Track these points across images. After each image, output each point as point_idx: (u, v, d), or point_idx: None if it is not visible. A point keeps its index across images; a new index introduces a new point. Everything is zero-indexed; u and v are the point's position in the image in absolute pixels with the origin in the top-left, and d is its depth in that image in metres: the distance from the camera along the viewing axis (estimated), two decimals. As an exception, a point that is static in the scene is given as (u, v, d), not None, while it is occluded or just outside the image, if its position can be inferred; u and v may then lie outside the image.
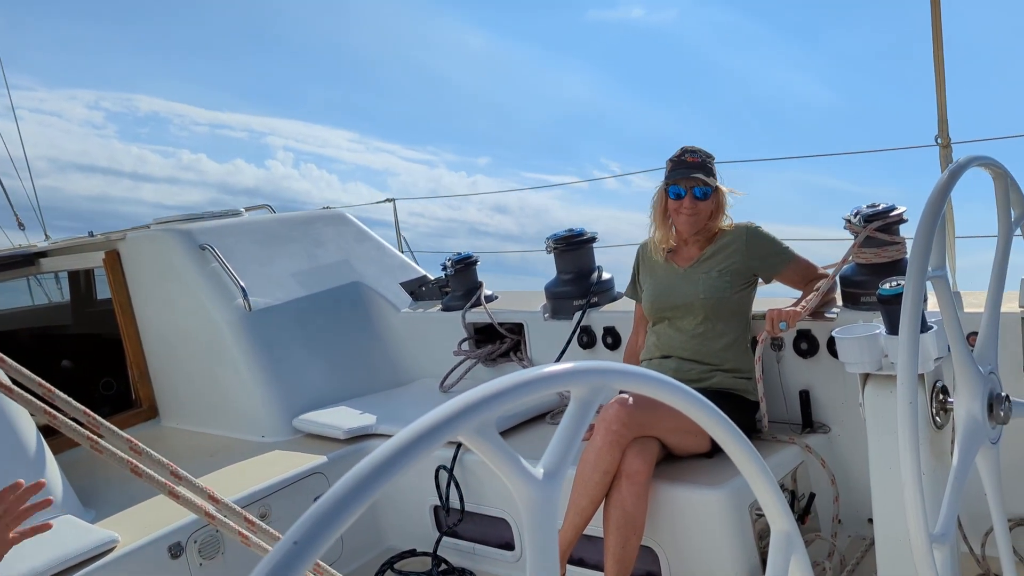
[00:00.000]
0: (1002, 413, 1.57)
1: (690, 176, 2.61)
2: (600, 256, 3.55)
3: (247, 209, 4.52)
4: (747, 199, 2.74)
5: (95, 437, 1.26)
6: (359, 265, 4.21)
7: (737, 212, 2.76)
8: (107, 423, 1.31)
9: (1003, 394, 1.58)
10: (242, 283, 3.60)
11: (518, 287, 3.82)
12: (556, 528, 0.72)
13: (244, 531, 1.45)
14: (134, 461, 1.27)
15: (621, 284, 3.48)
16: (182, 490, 1.40)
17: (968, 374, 1.51)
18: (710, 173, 2.64)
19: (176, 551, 2.49)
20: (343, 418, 3.32)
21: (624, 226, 3.51)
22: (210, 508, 1.44)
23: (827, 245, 3.47)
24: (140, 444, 1.32)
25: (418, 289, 4.16)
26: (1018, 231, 1.77)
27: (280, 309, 3.71)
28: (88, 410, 1.34)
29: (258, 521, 1.48)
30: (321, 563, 1.48)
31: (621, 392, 2.53)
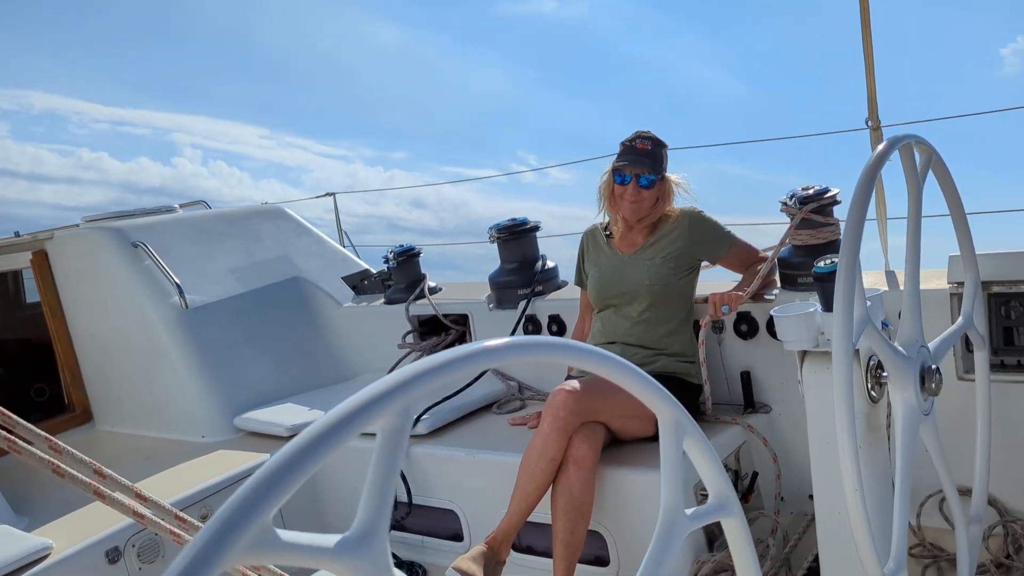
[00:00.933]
0: (933, 385, 1.61)
1: (636, 163, 2.62)
2: (543, 245, 3.55)
3: (182, 206, 4.41)
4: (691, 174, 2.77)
5: (13, 438, 1.21)
6: (299, 260, 4.14)
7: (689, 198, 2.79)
8: (24, 422, 1.26)
9: (933, 367, 1.62)
10: (177, 280, 3.51)
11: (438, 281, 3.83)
12: None
13: (177, 530, 1.41)
14: (55, 461, 1.21)
15: (565, 272, 3.49)
16: (109, 490, 1.35)
17: (896, 365, 1.53)
18: (658, 161, 2.64)
19: (114, 556, 2.41)
20: (285, 415, 3.27)
21: (544, 218, 3.50)
22: (139, 508, 1.39)
23: (767, 229, 3.52)
24: (61, 443, 1.27)
25: (360, 283, 4.11)
26: (944, 205, 1.81)
27: (218, 306, 3.63)
28: (3, 409, 1.28)
29: (191, 519, 1.43)
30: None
31: (567, 379, 2.53)
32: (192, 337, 3.49)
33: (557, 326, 3.25)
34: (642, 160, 2.61)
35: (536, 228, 3.48)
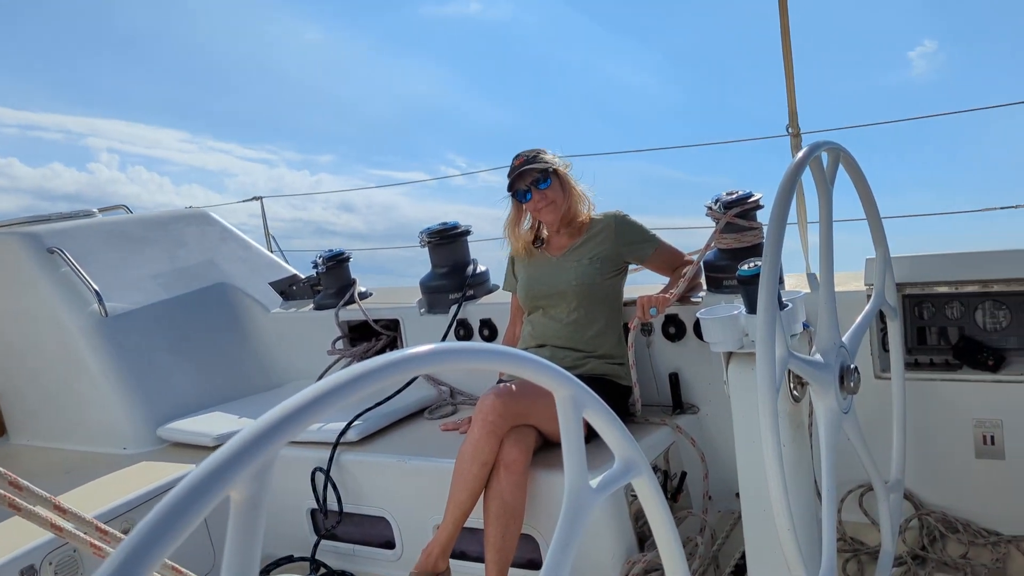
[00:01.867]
0: (852, 383, 1.66)
1: (522, 176, 2.69)
2: (475, 249, 3.55)
3: (101, 210, 4.26)
4: (597, 193, 2.83)
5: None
6: (225, 265, 4.04)
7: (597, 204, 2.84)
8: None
9: (852, 366, 1.68)
10: (96, 287, 3.39)
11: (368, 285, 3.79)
12: None
13: (98, 543, 1.35)
14: (-37, 474, 1.16)
15: (496, 277, 3.49)
16: (26, 503, 1.29)
17: (815, 375, 1.58)
18: (539, 162, 2.70)
19: (28, 574, 2.31)
20: (211, 424, 3.19)
21: (474, 221, 3.51)
22: (58, 521, 1.33)
23: (693, 233, 3.59)
24: None
25: (288, 288, 4.04)
26: (860, 209, 1.88)
27: (139, 313, 3.52)
28: None
29: (112, 530, 1.38)
30: (174, 564, 1.39)
31: (498, 382, 2.54)
32: (112, 346, 3.37)
33: (489, 330, 3.25)
34: (524, 169, 2.69)
35: (467, 232, 3.47)
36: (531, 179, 2.68)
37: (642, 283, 3.02)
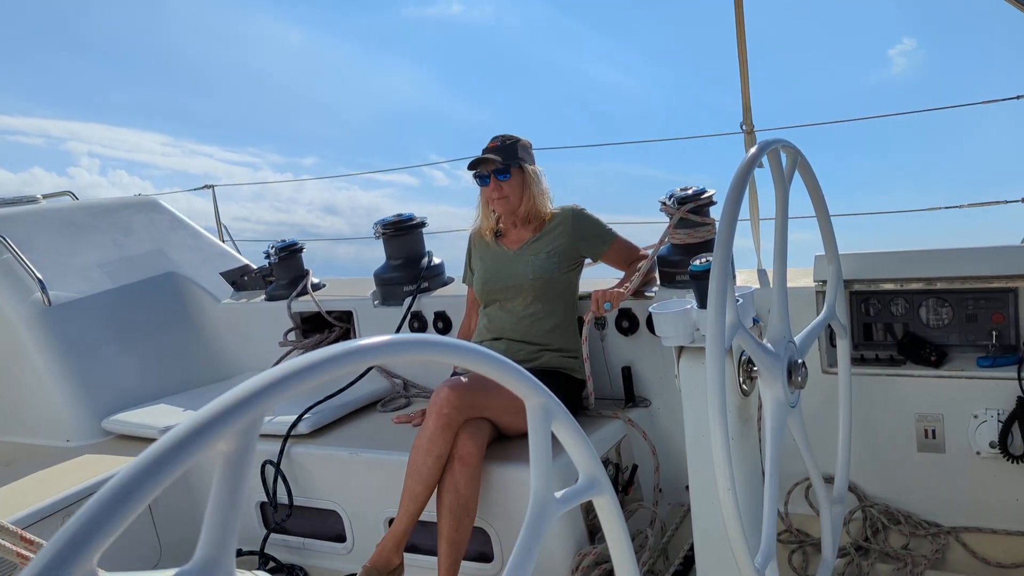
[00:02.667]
0: (799, 379, 1.69)
1: (486, 161, 2.68)
2: (431, 243, 3.53)
3: (45, 196, 4.14)
4: (570, 188, 2.83)
5: None
6: (174, 254, 3.96)
7: (560, 201, 2.84)
8: None
9: (800, 361, 1.71)
10: (39, 275, 3.30)
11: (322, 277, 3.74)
12: None
13: (24, 552, 1.30)
14: None
15: (452, 270, 3.48)
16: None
17: (765, 361, 1.61)
18: (508, 154, 2.69)
19: None
20: (158, 416, 3.12)
21: (458, 222, 3.51)
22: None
23: (648, 228, 3.62)
24: None
25: (240, 279, 3.98)
26: (810, 206, 1.91)
27: (84, 303, 3.43)
28: None
29: (38, 540, 1.33)
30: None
31: (452, 374, 2.53)
32: (55, 335, 3.28)
33: (443, 323, 3.24)
34: (491, 156, 2.68)
35: (422, 224, 3.46)
36: (493, 166, 2.68)
37: (597, 277, 3.03)
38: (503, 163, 2.67)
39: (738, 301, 1.73)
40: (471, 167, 2.72)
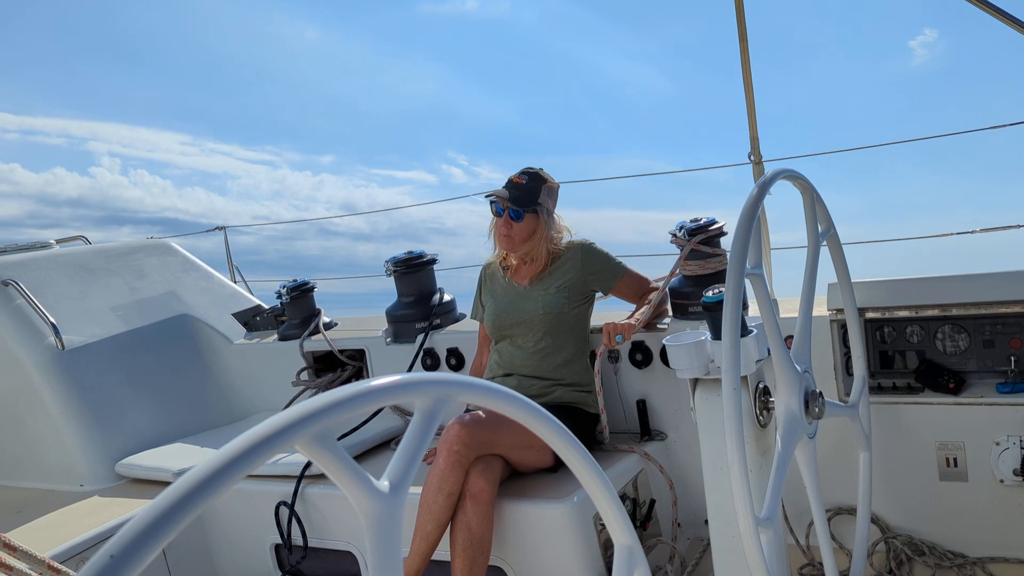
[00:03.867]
0: (816, 409, 1.67)
1: (508, 197, 2.67)
2: (442, 279, 3.54)
3: (58, 241, 4.19)
4: (594, 188, 2.84)
5: None
6: (187, 296, 3.98)
7: (586, 201, 2.84)
8: None
9: (817, 391, 1.69)
10: (52, 320, 3.32)
11: (372, 284, 3.69)
12: (399, 542, 0.70)
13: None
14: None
15: (463, 305, 3.48)
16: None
17: (786, 373, 1.60)
18: (530, 195, 2.68)
19: None
20: (172, 459, 3.11)
21: (475, 219, 3.48)
22: (8, 559, 1.28)
23: (659, 260, 3.62)
24: None
25: (252, 319, 3.99)
26: (824, 243, 1.91)
27: (97, 347, 3.44)
28: None
29: (64, 568, 1.33)
30: None
31: (465, 411, 2.51)
32: (68, 380, 3.29)
33: (456, 359, 3.23)
34: (512, 193, 2.67)
35: (433, 261, 3.46)
36: (507, 203, 2.67)
37: (609, 310, 3.02)
38: (520, 206, 2.66)
39: (752, 331, 1.72)
40: (495, 194, 2.71)
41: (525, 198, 2.67)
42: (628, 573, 0.96)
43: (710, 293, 1.81)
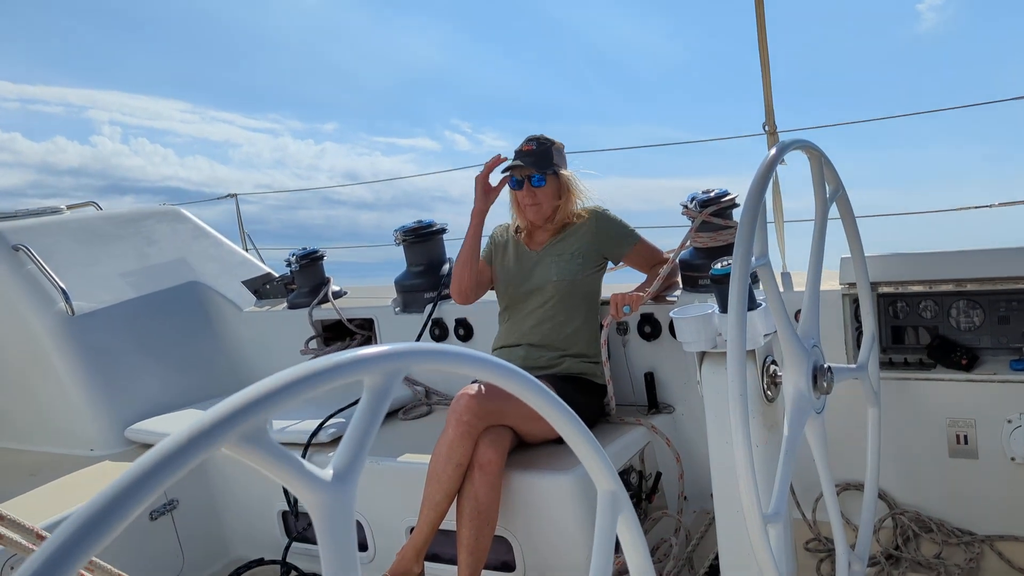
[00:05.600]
0: (825, 384, 1.65)
1: (524, 166, 2.64)
2: (451, 248, 3.52)
3: (69, 207, 4.19)
4: (601, 155, 2.80)
5: None
6: (197, 263, 3.98)
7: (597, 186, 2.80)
8: None
9: (825, 365, 1.66)
10: (63, 285, 3.33)
11: (376, 254, 3.66)
12: (353, 534, 0.66)
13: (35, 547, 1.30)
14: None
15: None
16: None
17: (793, 350, 1.57)
18: (545, 158, 2.66)
19: None
20: (180, 424, 3.12)
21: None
22: None
23: (671, 232, 3.58)
24: None
25: (262, 287, 3.99)
26: (834, 208, 1.87)
27: (107, 312, 3.45)
28: None
29: (45, 533, 1.33)
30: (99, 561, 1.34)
31: (473, 381, 2.50)
32: (78, 345, 3.31)
33: (464, 329, 3.22)
34: (527, 160, 2.65)
35: (443, 230, 3.44)
36: (527, 170, 2.65)
37: (618, 282, 3.00)
38: (539, 170, 2.64)
39: (761, 304, 1.70)
40: (508, 169, 2.69)
41: (541, 162, 2.65)
42: (612, 518, 0.93)
43: (718, 265, 1.79)
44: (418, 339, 3.20)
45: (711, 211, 2.62)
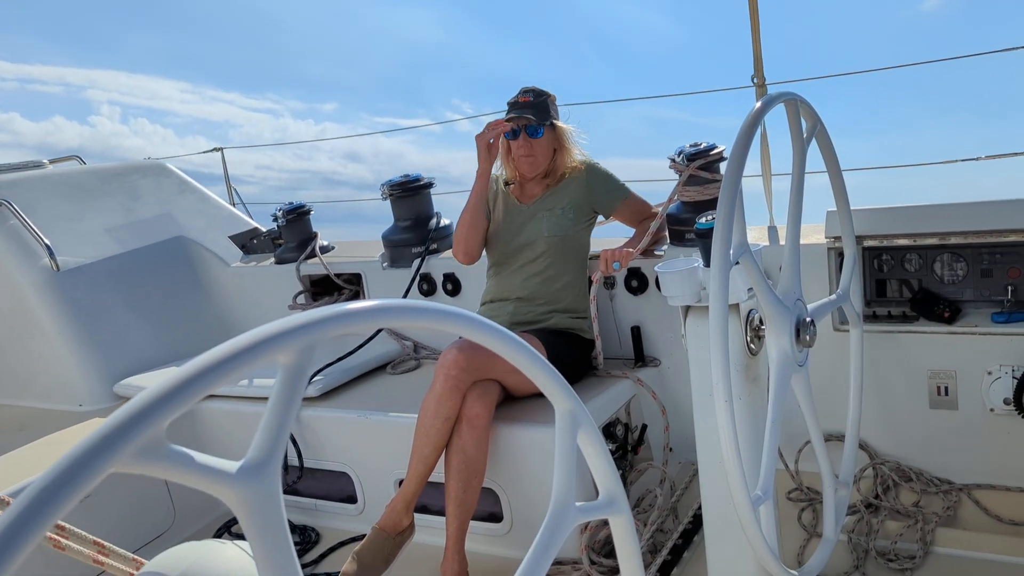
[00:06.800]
0: (808, 337, 1.66)
1: (521, 116, 2.60)
2: (439, 204, 3.50)
3: (52, 161, 4.13)
4: (600, 135, 2.78)
5: None
6: (183, 218, 3.95)
7: (589, 150, 2.78)
8: None
9: (808, 319, 1.68)
10: (47, 241, 3.30)
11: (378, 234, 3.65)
12: (283, 528, 0.62)
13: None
14: None
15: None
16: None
17: (774, 312, 1.58)
18: (542, 110, 2.63)
19: None
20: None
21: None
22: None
23: (662, 186, 3.57)
24: None
25: (249, 242, 3.97)
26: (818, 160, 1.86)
27: (93, 268, 3.43)
28: None
29: (9, 499, 1.34)
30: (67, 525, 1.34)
31: (460, 337, 2.51)
32: (64, 301, 3.29)
33: (452, 284, 3.22)
34: (525, 111, 2.61)
35: (430, 185, 3.42)
36: (524, 120, 2.62)
37: (607, 237, 3.00)
38: (537, 121, 2.61)
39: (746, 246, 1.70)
40: (505, 119, 2.65)
41: (539, 113, 2.62)
42: (572, 434, 0.93)
43: (703, 219, 1.78)
44: (406, 294, 3.20)
45: (698, 164, 2.61)
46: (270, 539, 0.61)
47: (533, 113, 2.61)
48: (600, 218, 2.80)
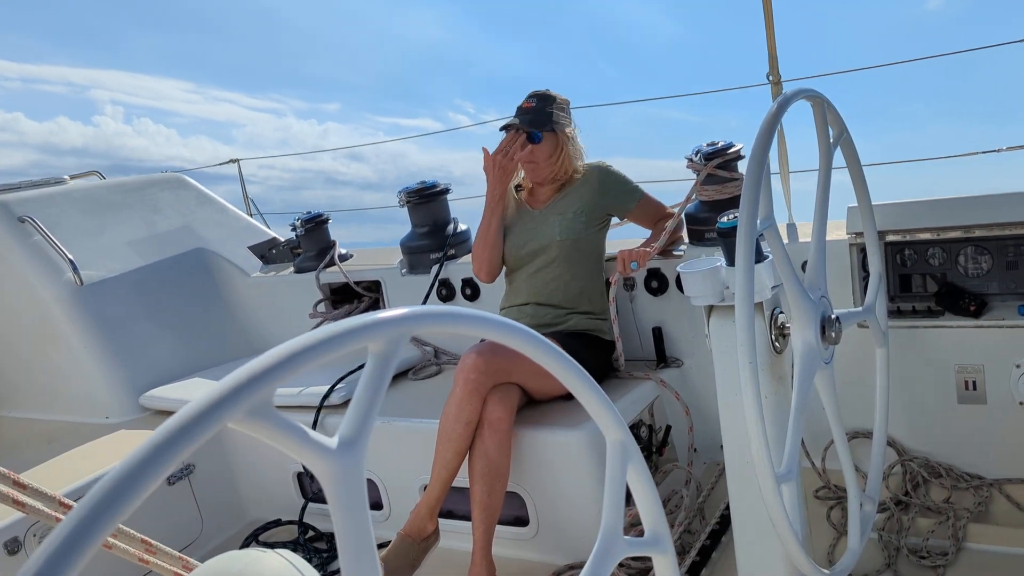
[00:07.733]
0: (833, 334, 1.65)
1: (512, 125, 2.64)
2: (456, 210, 3.51)
3: (72, 177, 4.18)
4: (602, 136, 2.77)
5: None
6: (202, 230, 3.98)
7: (591, 150, 2.78)
8: None
9: (833, 316, 1.66)
10: (70, 256, 3.34)
11: (383, 235, 3.68)
12: (364, 502, 0.66)
13: (61, 515, 1.33)
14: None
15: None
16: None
17: (800, 304, 1.57)
18: (543, 115, 2.63)
19: (13, 547, 2.30)
20: (194, 391, 3.16)
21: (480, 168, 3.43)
22: (19, 496, 1.31)
23: (676, 186, 3.56)
24: None
25: (268, 252, 3.99)
26: (840, 158, 1.85)
27: (116, 281, 3.47)
28: None
29: (73, 504, 1.36)
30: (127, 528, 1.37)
31: (481, 341, 2.51)
32: (88, 315, 3.33)
33: (471, 289, 3.22)
34: (524, 119, 2.62)
35: (446, 191, 3.43)
36: (524, 127, 2.63)
37: (624, 238, 2.99)
38: (535, 128, 2.62)
39: (767, 257, 1.69)
40: (503, 128, 2.67)
41: (539, 119, 2.63)
42: (622, 467, 0.94)
43: (725, 218, 1.77)
44: (425, 300, 3.21)
45: (716, 163, 2.60)
46: (352, 512, 0.65)
47: (533, 118, 2.62)
48: (615, 220, 2.80)
